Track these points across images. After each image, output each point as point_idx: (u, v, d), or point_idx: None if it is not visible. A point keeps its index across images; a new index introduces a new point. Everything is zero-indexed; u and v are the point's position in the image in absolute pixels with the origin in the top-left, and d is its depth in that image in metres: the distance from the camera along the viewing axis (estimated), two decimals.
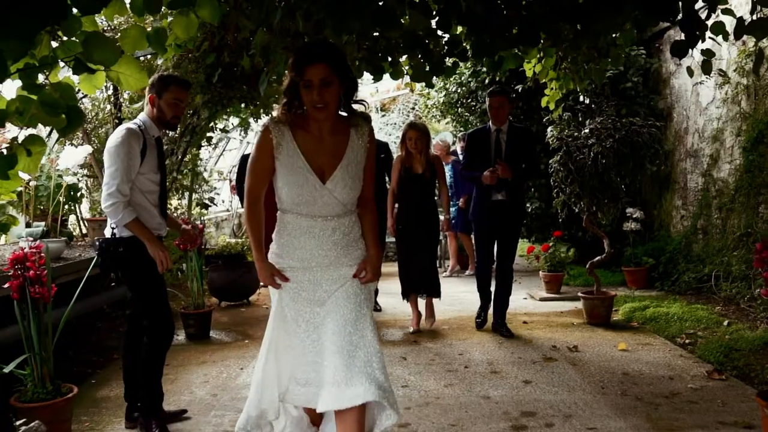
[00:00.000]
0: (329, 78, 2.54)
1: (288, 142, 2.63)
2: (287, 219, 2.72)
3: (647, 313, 5.85)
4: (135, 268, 3.57)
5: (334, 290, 2.70)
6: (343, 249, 2.71)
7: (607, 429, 3.43)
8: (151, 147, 3.53)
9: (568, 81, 5.81)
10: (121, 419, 3.76)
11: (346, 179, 2.65)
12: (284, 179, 2.65)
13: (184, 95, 3.62)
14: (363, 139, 2.70)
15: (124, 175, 3.36)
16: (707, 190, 6.88)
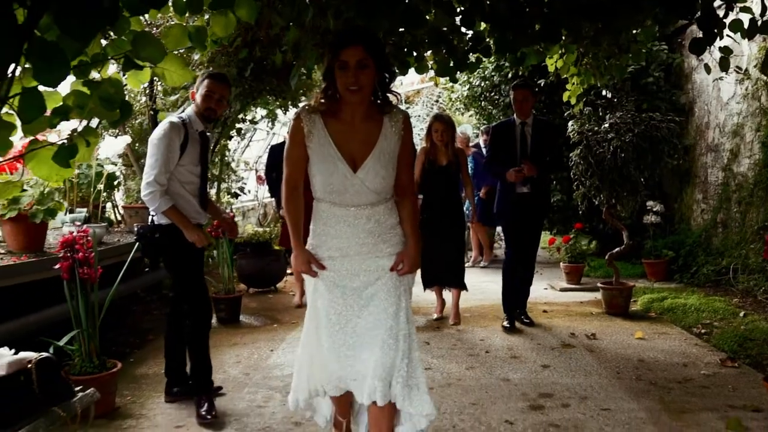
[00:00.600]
0: (365, 60, 2.51)
1: (319, 130, 2.61)
2: (321, 207, 2.70)
3: (665, 304, 5.99)
4: (172, 254, 3.80)
5: (371, 282, 2.67)
6: (379, 237, 2.67)
7: (620, 410, 3.60)
8: (193, 140, 3.69)
9: (589, 76, 5.94)
10: (160, 394, 4.00)
11: (378, 168, 2.60)
12: (316, 167, 2.63)
13: (217, 87, 3.74)
14: (397, 127, 2.64)
15: (163, 166, 3.56)
16: (727, 184, 6.98)
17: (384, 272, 2.68)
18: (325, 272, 2.68)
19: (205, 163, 3.86)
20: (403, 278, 2.72)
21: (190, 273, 3.79)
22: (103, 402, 3.46)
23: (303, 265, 2.68)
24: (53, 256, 4.14)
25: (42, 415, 2.51)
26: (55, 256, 4.10)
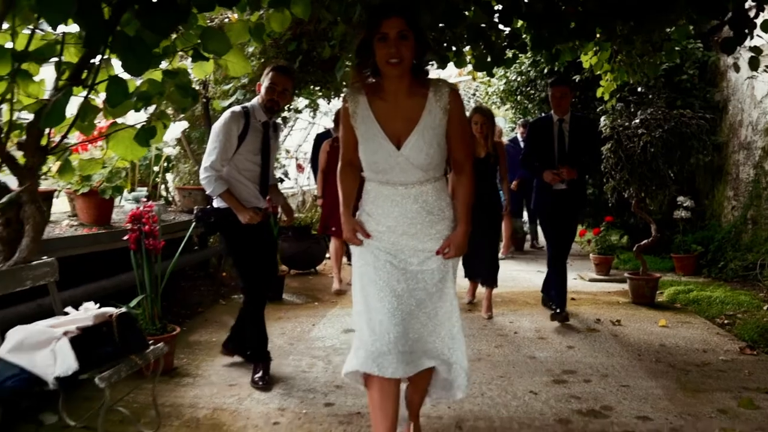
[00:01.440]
0: (405, 32, 2.49)
1: (363, 110, 2.61)
2: (369, 187, 2.73)
3: (691, 295, 6.19)
4: (227, 237, 4.08)
5: (417, 262, 2.66)
6: (427, 218, 2.65)
7: (638, 387, 3.86)
8: (254, 130, 3.87)
9: (622, 73, 6.14)
10: (213, 358, 4.38)
11: (421, 144, 2.57)
12: (362, 147, 2.66)
13: (280, 80, 3.87)
14: (442, 102, 2.58)
15: (220, 153, 3.80)
16: (758, 181, 7.12)
17: (430, 254, 2.66)
18: (373, 242, 2.68)
19: (267, 152, 3.99)
20: (448, 262, 2.70)
21: (244, 255, 3.99)
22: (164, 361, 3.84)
23: (349, 233, 2.72)
24: (119, 229, 4.55)
25: (122, 361, 2.88)
26: (120, 229, 4.51)
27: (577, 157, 5.36)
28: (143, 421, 3.29)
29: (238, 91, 5.52)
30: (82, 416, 3.25)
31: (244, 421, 3.36)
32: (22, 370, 2.66)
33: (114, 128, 3.21)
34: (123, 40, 2.77)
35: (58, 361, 2.67)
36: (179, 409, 3.49)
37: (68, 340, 2.73)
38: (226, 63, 3.56)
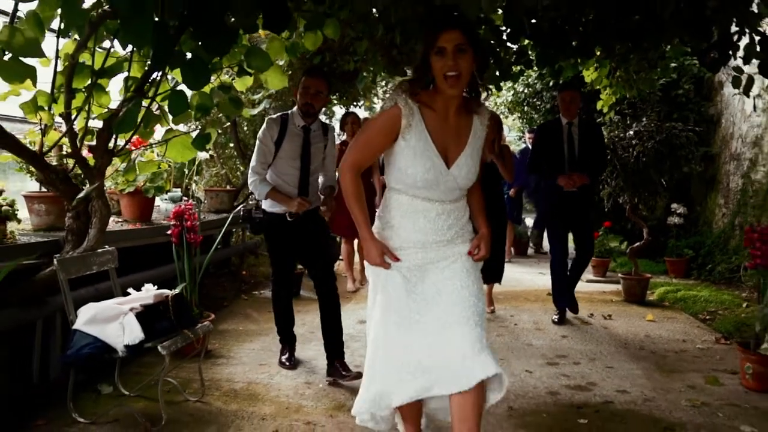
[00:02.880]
0: (464, 45, 2.41)
1: (417, 123, 2.50)
2: (402, 200, 2.62)
3: (678, 294, 6.67)
4: (266, 237, 4.37)
5: (447, 266, 2.61)
6: (456, 230, 2.64)
7: (621, 368, 4.36)
8: (292, 135, 4.03)
9: (620, 88, 6.64)
10: (242, 344, 4.89)
11: (470, 165, 2.57)
12: (410, 161, 2.51)
13: (312, 82, 3.99)
14: (484, 124, 2.61)
15: (258, 157, 4.06)
16: (745, 190, 7.60)
17: (460, 256, 2.63)
18: (402, 265, 2.59)
19: (307, 155, 4.09)
20: (477, 264, 2.68)
21: (274, 255, 4.34)
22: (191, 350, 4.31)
23: (378, 258, 2.57)
24: (159, 225, 5.07)
25: (177, 334, 3.40)
26: (161, 225, 5.03)
27: (586, 160, 5.52)
28: (188, 391, 3.79)
29: (266, 100, 6.01)
30: (134, 387, 3.78)
31: (275, 392, 3.86)
32: (95, 339, 3.18)
33: (171, 134, 3.74)
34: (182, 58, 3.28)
35: (126, 332, 3.19)
36: (218, 383, 3.99)
37: (134, 314, 3.25)
38: (266, 77, 4.08)
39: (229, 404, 3.64)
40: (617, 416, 3.55)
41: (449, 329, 2.49)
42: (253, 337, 5.14)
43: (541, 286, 7.29)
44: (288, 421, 3.39)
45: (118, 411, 3.47)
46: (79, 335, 3.19)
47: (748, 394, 3.93)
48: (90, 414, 3.40)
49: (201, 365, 3.85)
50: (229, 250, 7.31)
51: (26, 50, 2.65)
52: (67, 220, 3.64)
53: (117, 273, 3.81)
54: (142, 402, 3.62)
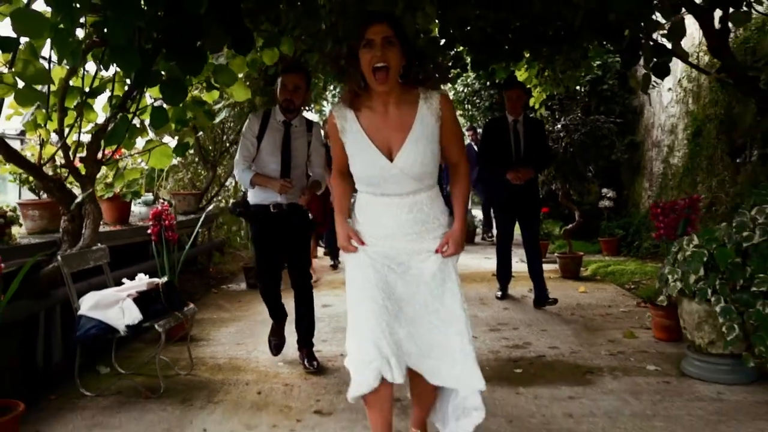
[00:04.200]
0: (391, 38, 2.41)
1: (351, 123, 2.53)
2: (364, 199, 2.66)
3: (609, 269, 7.44)
4: (252, 227, 4.45)
5: (416, 265, 2.58)
6: (423, 227, 2.58)
7: (553, 330, 5.05)
8: (273, 130, 4.08)
9: (548, 86, 7.38)
10: (219, 329, 5.41)
11: (416, 154, 2.49)
12: (353, 160, 2.58)
13: (289, 79, 4.02)
14: (433, 108, 2.51)
15: (242, 150, 4.12)
16: (665, 174, 8.42)
17: (429, 254, 2.58)
18: (369, 249, 2.60)
19: (287, 150, 4.11)
20: (448, 260, 2.60)
21: (260, 247, 4.32)
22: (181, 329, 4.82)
23: (344, 240, 2.63)
24: (137, 226, 5.56)
25: (168, 315, 3.93)
26: (138, 226, 5.53)
27: (531, 155, 5.82)
28: (178, 367, 4.32)
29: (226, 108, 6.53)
30: (128, 367, 4.29)
31: (255, 364, 4.42)
32: (99, 321, 3.69)
33: (151, 144, 4.26)
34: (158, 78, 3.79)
35: (126, 314, 3.71)
36: (203, 360, 4.53)
37: (131, 300, 3.78)
38: (231, 91, 4.63)
39: (215, 375, 4.19)
40: (547, 366, 4.22)
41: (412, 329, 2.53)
42: (228, 323, 5.66)
43: (486, 269, 7.97)
44: (269, 385, 3.96)
45: (119, 385, 3.99)
46: (85, 319, 3.70)
47: (658, 343, 4.65)
48: (94, 389, 3.90)
49: (189, 343, 4.39)
50: (197, 248, 7.77)
51: (37, 78, 3.15)
52: (63, 223, 4.13)
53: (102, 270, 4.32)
54: (139, 378, 4.13)
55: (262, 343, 4.84)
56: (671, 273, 3.98)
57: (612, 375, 4.00)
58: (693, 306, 3.88)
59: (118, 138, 3.74)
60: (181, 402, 3.70)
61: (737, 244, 3.67)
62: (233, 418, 3.44)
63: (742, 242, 3.64)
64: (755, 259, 3.56)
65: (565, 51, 6.49)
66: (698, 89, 7.46)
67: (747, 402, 3.51)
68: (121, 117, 3.81)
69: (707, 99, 7.14)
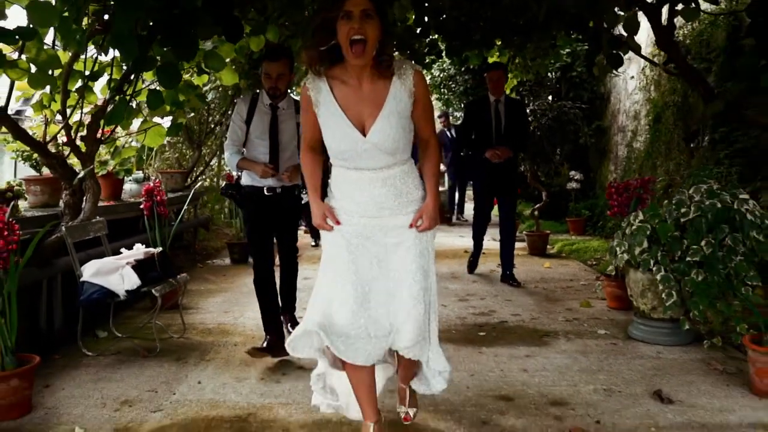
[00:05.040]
0: (370, 11, 2.38)
1: (325, 96, 2.52)
2: (336, 173, 2.67)
3: (573, 247, 7.91)
4: (244, 210, 4.43)
5: (391, 240, 2.61)
6: (396, 201, 2.60)
7: (517, 301, 5.50)
8: (260, 113, 4.12)
9: (519, 73, 7.78)
10: (207, 299, 5.78)
11: (388, 129, 2.49)
12: (326, 134, 2.58)
13: (272, 68, 4.02)
14: (406, 85, 2.51)
15: (231, 134, 4.20)
16: (629, 157, 8.88)
17: (404, 230, 2.61)
18: (343, 227, 2.62)
19: (275, 132, 4.13)
20: (424, 235, 2.62)
21: (253, 228, 4.27)
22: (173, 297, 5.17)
23: (319, 218, 2.65)
24: (129, 202, 5.90)
25: (163, 282, 4.30)
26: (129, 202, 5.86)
27: (511, 134, 5.98)
28: (171, 331, 4.69)
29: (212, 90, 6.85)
30: (124, 331, 4.65)
31: (242, 328, 4.81)
32: (101, 287, 4.05)
33: (147, 125, 4.59)
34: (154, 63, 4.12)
35: (125, 280, 4.07)
36: (193, 326, 4.90)
37: (130, 267, 4.14)
38: (220, 75, 4.97)
39: (206, 338, 4.57)
40: (508, 330, 4.66)
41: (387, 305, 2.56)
42: (215, 294, 6.03)
43: (458, 246, 8.41)
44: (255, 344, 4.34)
45: (118, 347, 4.37)
46: (88, 285, 4.06)
47: (610, 311, 5.12)
48: (95, 350, 4.27)
49: (181, 310, 4.77)
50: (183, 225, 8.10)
51: (48, 64, 3.48)
52: (65, 197, 4.46)
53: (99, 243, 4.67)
54: (136, 340, 4.50)
55: (247, 311, 5.25)
56: (619, 246, 4.42)
57: (566, 338, 4.44)
58: (638, 275, 4.33)
59: (118, 118, 4.07)
60: (176, 360, 4.08)
61: (676, 219, 4.10)
62: (225, 373, 3.83)
63: (680, 218, 4.07)
64: (691, 233, 4.00)
65: (535, 40, 6.88)
66: (659, 78, 7.89)
67: (681, 360, 3.96)
68: (119, 99, 4.14)
69: (666, 87, 7.58)
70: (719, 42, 6.37)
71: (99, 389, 3.59)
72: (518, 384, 3.59)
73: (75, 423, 3.13)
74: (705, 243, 3.91)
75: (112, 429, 3.07)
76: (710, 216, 3.92)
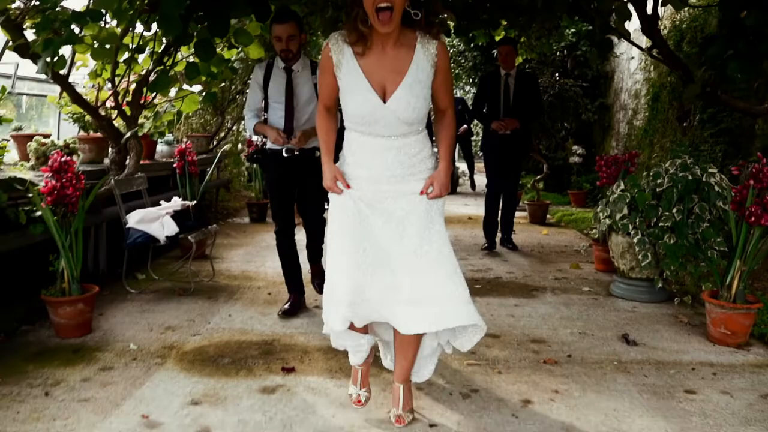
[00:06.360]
0: None
1: (348, 60, 2.52)
2: (351, 137, 2.65)
3: (572, 217, 8.43)
4: (266, 173, 4.61)
5: (401, 208, 2.59)
6: (408, 169, 2.60)
7: (513, 261, 6.05)
8: (276, 76, 4.17)
9: (524, 51, 8.22)
10: (230, 251, 6.36)
11: (409, 98, 2.50)
12: (345, 98, 2.57)
13: (281, 30, 4.01)
14: (429, 54, 2.50)
15: (249, 99, 4.34)
16: (629, 134, 9.35)
17: (414, 197, 2.59)
18: (353, 192, 2.61)
19: (290, 95, 4.14)
20: (434, 202, 2.62)
21: (272, 192, 4.43)
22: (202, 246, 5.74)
23: (330, 181, 2.64)
24: (161, 162, 6.47)
25: (197, 230, 4.88)
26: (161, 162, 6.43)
27: (520, 107, 6.13)
28: (201, 275, 5.28)
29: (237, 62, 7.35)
30: (160, 275, 5.25)
31: (264, 275, 5.40)
32: (144, 233, 4.63)
33: (183, 93, 5.13)
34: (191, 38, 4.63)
35: (165, 228, 4.65)
36: (220, 271, 5.49)
37: (169, 216, 4.71)
38: (248, 50, 5.48)
39: (232, 282, 5.17)
40: (501, 284, 5.22)
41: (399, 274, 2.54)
42: (237, 247, 6.62)
43: (464, 213, 8.94)
44: (276, 288, 4.94)
45: (156, 287, 4.97)
46: (133, 230, 4.64)
47: (597, 273, 5.67)
48: (136, 289, 4.87)
49: (211, 257, 5.37)
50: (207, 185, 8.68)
51: (108, 40, 4.02)
52: (111, 155, 5.03)
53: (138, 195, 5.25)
54: (170, 282, 5.10)
55: (267, 261, 5.85)
56: (602, 212, 4.96)
57: (553, 293, 5.00)
58: (618, 238, 4.86)
59: (160, 86, 4.61)
60: (208, 298, 4.68)
61: (653, 189, 4.62)
62: (251, 309, 4.43)
63: (656, 188, 4.59)
64: (664, 202, 4.52)
65: (539, 20, 7.32)
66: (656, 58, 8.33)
67: (653, 314, 4.51)
68: (161, 69, 4.67)
69: (664, 68, 8.00)
70: (712, 28, 6.80)
71: (145, 318, 4.19)
72: (505, 326, 4.16)
73: (129, 341, 3.73)
74: (676, 210, 4.44)
75: (160, 347, 3.67)
76: (680, 186, 4.44)
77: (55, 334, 3.80)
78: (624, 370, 3.43)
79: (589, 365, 3.51)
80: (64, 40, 3.57)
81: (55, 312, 3.73)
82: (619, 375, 3.37)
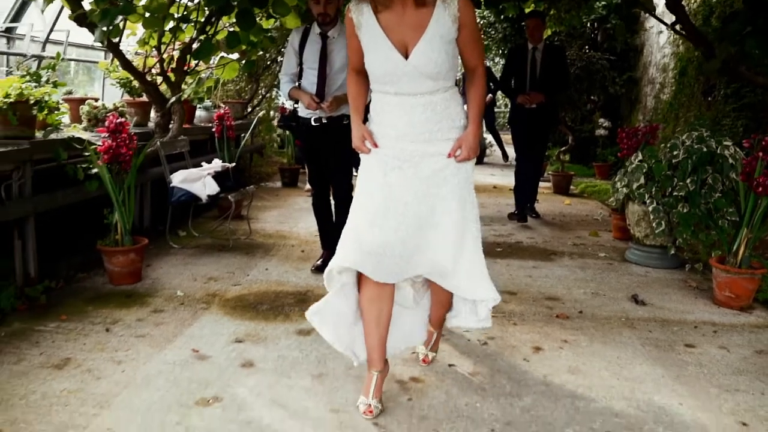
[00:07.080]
0: None
1: (368, 19, 2.51)
2: (378, 97, 2.64)
3: (595, 188, 8.62)
4: (298, 138, 4.88)
5: (429, 168, 2.56)
6: (437, 125, 2.56)
7: (536, 229, 6.30)
8: (312, 43, 4.22)
9: (553, 24, 8.36)
10: (264, 213, 6.70)
11: (430, 53, 2.47)
12: (368, 57, 2.57)
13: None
14: (451, 10, 2.46)
15: (285, 64, 4.43)
16: (656, 108, 9.46)
17: (442, 158, 2.57)
18: (381, 150, 2.61)
19: (324, 61, 4.18)
20: (462, 165, 2.60)
21: (306, 158, 4.74)
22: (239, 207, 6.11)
23: (358, 140, 2.66)
24: (200, 126, 6.80)
25: (236, 190, 5.21)
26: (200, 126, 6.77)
27: (546, 81, 6.17)
28: (238, 234, 5.63)
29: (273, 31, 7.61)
30: (200, 232, 5.60)
31: (296, 234, 5.74)
32: (187, 191, 4.97)
33: (224, 60, 5.43)
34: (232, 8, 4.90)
35: (207, 187, 4.98)
36: (256, 230, 5.84)
37: (211, 177, 5.05)
38: (285, 20, 5.74)
39: (267, 240, 5.51)
40: (522, 248, 5.49)
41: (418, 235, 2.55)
42: (270, 209, 6.97)
43: (489, 183, 9.18)
44: (309, 247, 5.27)
45: (197, 243, 5.33)
46: (177, 189, 4.98)
47: (614, 241, 5.90)
48: (179, 244, 5.23)
49: (248, 217, 5.70)
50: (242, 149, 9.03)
51: (158, 10, 4.32)
52: (155, 118, 5.36)
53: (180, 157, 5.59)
54: (210, 239, 5.45)
55: (300, 222, 6.19)
56: (620, 181, 5.18)
57: (570, 257, 5.26)
58: (635, 207, 5.09)
59: (203, 54, 4.91)
60: (246, 254, 5.03)
61: (669, 160, 4.83)
62: (286, 264, 4.77)
63: (672, 159, 4.80)
64: (679, 172, 4.73)
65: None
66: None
67: (664, 278, 4.75)
68: (204, 38, 4.97)
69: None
70: (739, 3, 6.89)
71: (188, 269, 4.55)
72: (522, 285, 4.44)
73: (176, 289, 4.09)
74: (690, 181, 4.65)
75: (204, 294, 4.03)
76: (695, 158, 4.64)
77: (109, 281, 4.17)
78: (630, 326, 3.71)
79: (598, 320, 3.79)
80: (120, 10, 3.88)
81: (109, 261, 4.10)
82: (625, 329, 3.65)
